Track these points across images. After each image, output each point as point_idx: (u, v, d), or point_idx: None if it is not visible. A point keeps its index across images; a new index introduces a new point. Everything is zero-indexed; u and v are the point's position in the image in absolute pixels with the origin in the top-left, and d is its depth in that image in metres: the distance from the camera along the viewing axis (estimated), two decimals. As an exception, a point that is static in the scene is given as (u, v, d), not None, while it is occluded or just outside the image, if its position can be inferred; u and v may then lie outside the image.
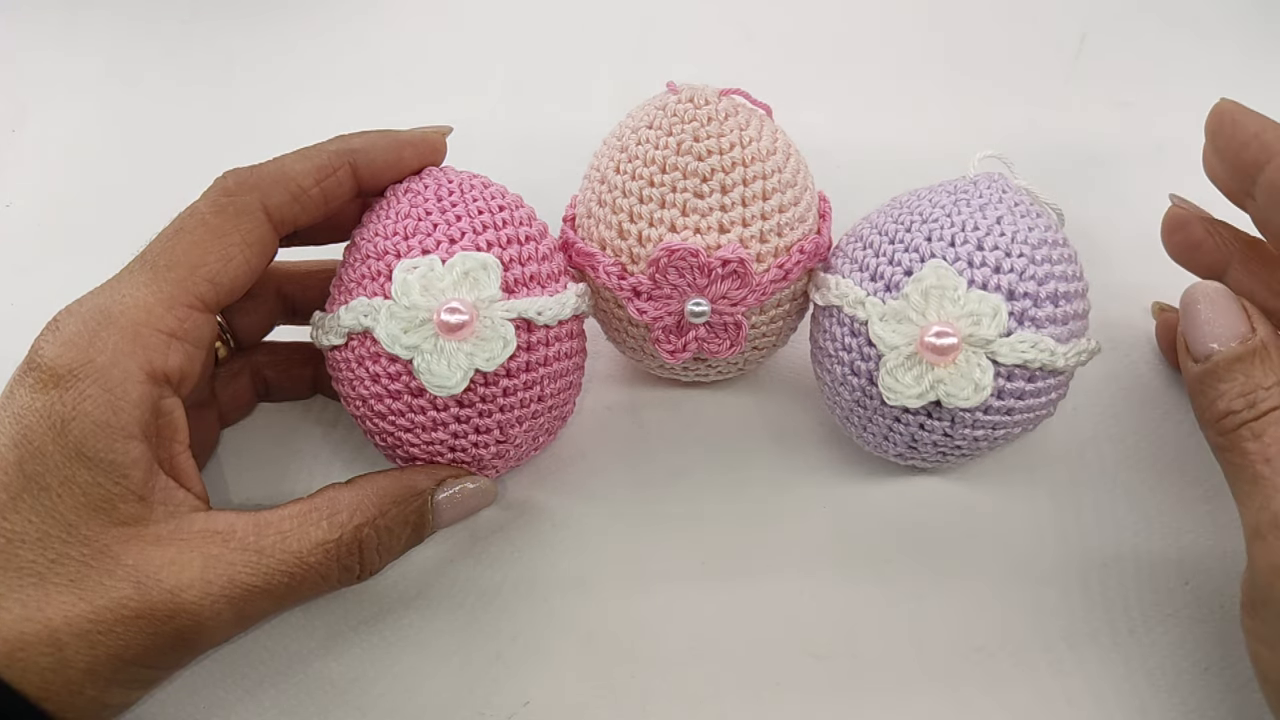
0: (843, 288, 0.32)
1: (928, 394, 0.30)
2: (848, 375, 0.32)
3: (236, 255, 0.29)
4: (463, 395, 0.30)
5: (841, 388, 0.33)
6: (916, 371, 0.30)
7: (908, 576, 0.33)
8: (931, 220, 0.31)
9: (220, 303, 0.30)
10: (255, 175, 0.30)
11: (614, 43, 0.55)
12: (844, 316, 0.32)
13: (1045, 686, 0.31)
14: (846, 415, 0.34)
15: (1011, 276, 0.30)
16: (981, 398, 0.30)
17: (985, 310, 0.30)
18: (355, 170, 0.31)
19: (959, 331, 0.30)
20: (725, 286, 0.32)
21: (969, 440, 0.32)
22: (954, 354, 0.30)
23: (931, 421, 0.31)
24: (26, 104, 0.53)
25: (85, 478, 0.26)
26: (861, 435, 0.34)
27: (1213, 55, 0.53)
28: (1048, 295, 0.30)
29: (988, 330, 0.30)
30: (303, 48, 0.56)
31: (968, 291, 0.30)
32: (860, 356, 0.32)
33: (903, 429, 0.32)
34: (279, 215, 0.30)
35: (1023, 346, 0.30)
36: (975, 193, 0.32)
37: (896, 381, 0.30)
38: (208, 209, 0.29)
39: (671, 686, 0.31)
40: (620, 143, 0.33)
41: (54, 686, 0.24)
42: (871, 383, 0.31)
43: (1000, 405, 0.31)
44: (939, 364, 0.30)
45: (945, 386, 0.30)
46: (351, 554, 0.29)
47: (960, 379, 0.30)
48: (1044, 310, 0.30)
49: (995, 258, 0.30)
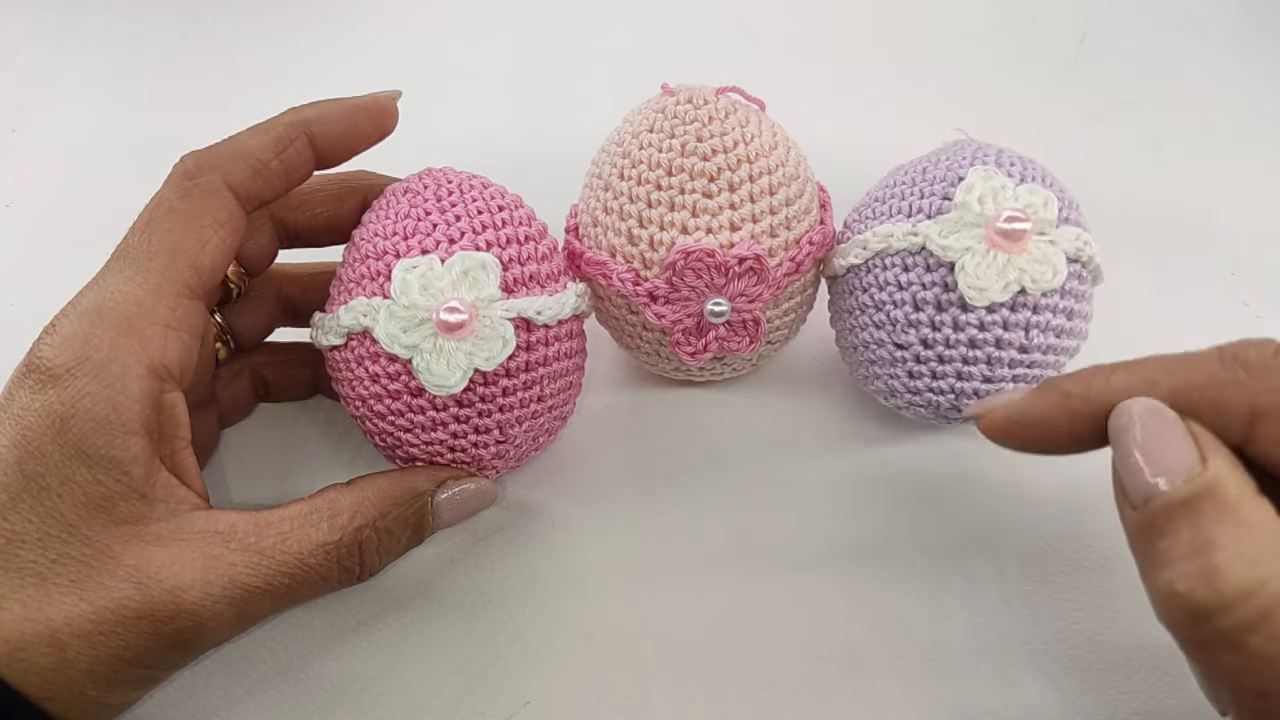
0: (884, 230, 0.32)
1: (1012, 284, 0.31)
2: (911, 314, 0.32)
3: (211, 237, 0.29)
4: (462, 395, 0.30)
5: (905, 333, 0.32)
6: (997, 265, 0.31)
7: (908, 576, 0.33)
8: (944, 161, 0.33)
9: (205, 286, 0.29)
10: (213, 155, 0.30)
11: (613, 43, 0.55)
12: (891, 259, 0.32)
13: (1047, 687, 0.31)
14: (910, 369, 0.33)
15: (1040, 183, 0.32)
16: (1061, 278, 0.31)
17: (1038, 200, 0.31)
18: (312, 140, 0.31)
19: (1028, 215, 0.31)
20: (742, 284, 0.32)
21: (1041, 348, 0.32)
22: (1025, 239, 0.30)
23: (1014, 315, 0.31)
24: (26, 104, 0.53)
25: (85, 476, 0.26)
26: (931, 386, 0.32)
27: (1213, 55, 0.53)
28: (1070, 202, 0.32)
29: (1048, 215, 0.31)
30: (303, 47, 0.56)
31: (1016, 187, 0.31)
32: (922, 286, 0.32)
33: (979, 352, 0.31)
34: (244, 192, 0.30)
35: (1074, 235, 0.31)
36: (964, 144, 0.34)
37: (979, 279, 0.31)
38: (173, 195, 0.29)
39: (671, 686, 0.31)
40: (621, 148, 0.33)
41: (55, 687, 0.24)
42: (940, 309, 0.31)
43: (1064, 305, 0.31)
44: (1013, 251, 0.31)
45: (1027, 273, 0.31)
46: (352, 555, 0.29)
47: (1039, 263, 0.31)
48: (1073, 213, 0.32)
49: (1018, 170, 0.32)
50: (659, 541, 0.34)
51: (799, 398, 0.38)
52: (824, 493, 0.36)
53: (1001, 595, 0.33)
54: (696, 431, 0.37)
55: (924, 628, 0.32)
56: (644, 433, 0.37)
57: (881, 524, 0.35)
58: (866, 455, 0.36)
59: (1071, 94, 0.52)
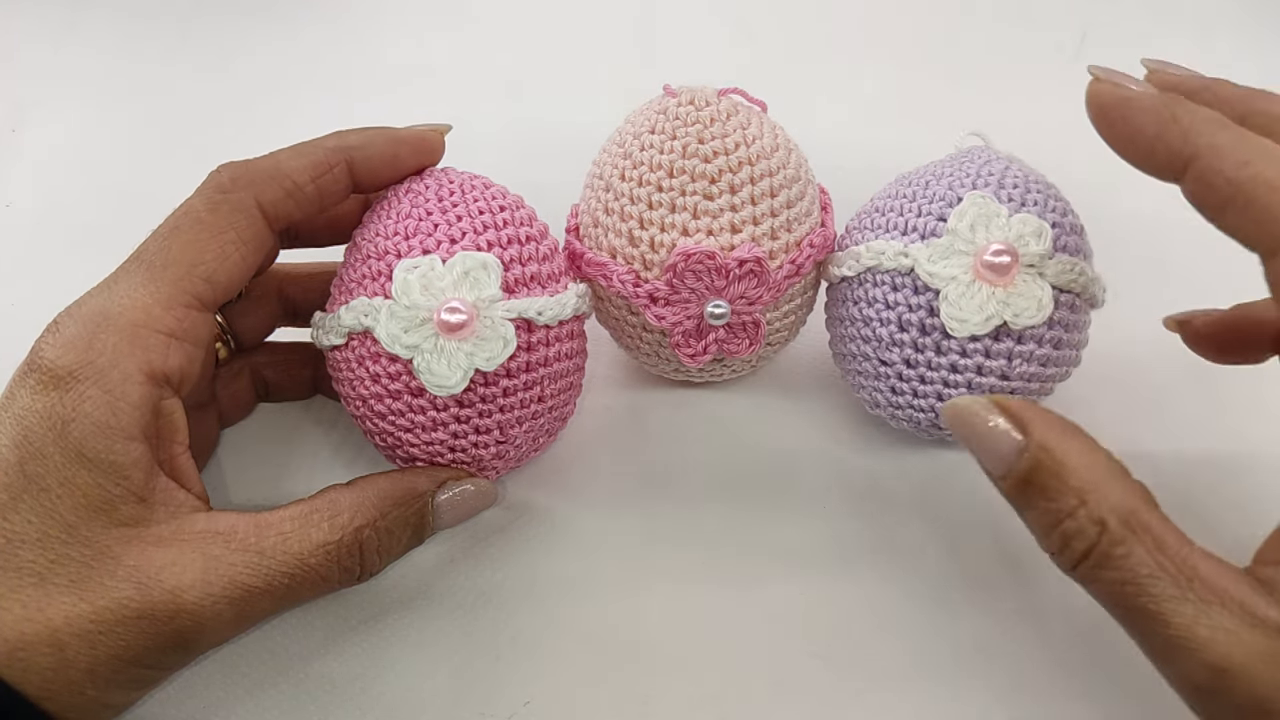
0: (877, 247, 0.32)
1: (994, 317, 0.30)
2: (895, 334, 0.32)
3: (233, 253, 0.29)
4: (463, 395, 0.30)
5: (890, 351, 0.32)
6: (980, 298, 0.30)
7: (909, 576, 0.33)
8: (946, 176, 0.32)
9: (217, 301, 0.30)
10: (250, 171, 0.30)
11: (614, 43, 0.56)
12: (882, 276, 0.32)
13: (1049, 687, 0.31)
14: (893, 385, 0.33)
15: (1038, 209, 0.31)
16: (1045, 314, 0.30)
17: (1030, 231, 0.31)
18: (351, 168, 0.31)
19: (1015, 249, 0.30)
20: (743, 286, 0.32)
21: (1023, 379, 0.31)
22: (1012, 273, 0.30)
23: (990, 361, 0.31)
24: (26, 104, 0.53)
25: (85, 479, 0.26)
26: (910, 405, 0.33)
27: (1213, 54, 0.53)
28: (1070, 227, 0.31)
29: (1038, 247, 0.30)
30: (303, 47, 0.56)
31: (1010, 216, 0.31)
32: (908, 308, 0.32)
33: (960, 376, 0.31)
34: (274, 212, 0.30)
35: (1067, 266, 0.31)
36: (973, 155, 0.33)
37: (961, 310, 0.31)
38: (202, 206, 0.29)
39: (671, 686, 0.31)
40: (623, 149, 0.33)
41: (55, 687, 0.24)
42: (924, 332, 0.31)
43: (1052, 336, 0.31)
44: (999, 284, 0.30)
45: (1010, 307, 0.30)
46: (352, 555, 0.29)
47: (1022, 297, 0.30)
48: (1071, 240, 0.31)
49: (1018, 194, 0.31)
50: (659, 542, 0.34)
51: (799, 398, 0.38)
52: (823, 493, 0.36)
53: (1002, 595, 0.33)
54: (696, 432, 0.37)
55: (924, 627, 0.32)
56: (644, 433, 0.38)
57: (881, 524, 0.35)
58: (866, 456, 0.36)
59: (1072, 94, 0.52)
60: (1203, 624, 0.22)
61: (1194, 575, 0.22)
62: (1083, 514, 0.24)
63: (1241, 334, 0.34)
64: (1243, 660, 0.21)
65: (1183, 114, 0.25)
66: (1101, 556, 0.23)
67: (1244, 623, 0.21)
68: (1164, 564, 0.23)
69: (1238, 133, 0.25)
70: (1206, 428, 0.37)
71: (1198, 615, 0.22)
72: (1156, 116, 0.25)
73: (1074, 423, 0.26)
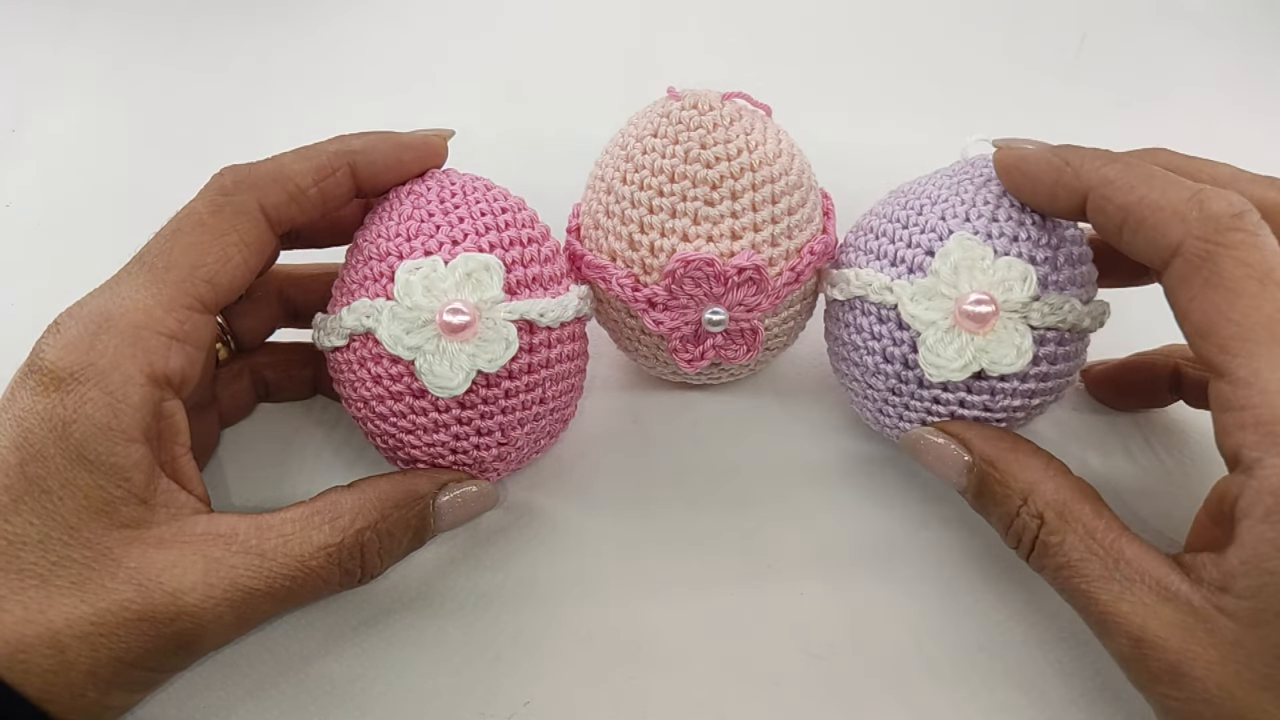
0: (865, 277, 0.32)
1: (971, 364, 0.30)
2: (880, 364, 0.32)
3: (235, 256, 0.29)
4: (464, 397, 0.30)
5: (875, 378, 0.32)
6: (958, 344, 0.30)
7: (909, 576, 0.33)
8: (941, 201, 0.32)
9: (219, 303, 0.30)
10: (253, 174, 0.30)
11: (616, 46, 0.55)
12: (869, 306, 0.32)
13: (1048, 687, 0.31)
14: (880, 407, 0.33)
15: (1029, 244, 0.30)
16: (1024, 362, 0.30)
17: (1015, 276, 0.30)
18: (354, 172, 0.31)
19: (995, 298, 0.30)
20: (741, 294, 0.32)
21: (1007, 411, 0.31)
22: (992, 321, 0.30)
23: (972, 396, 0.31)
24: (26, 104, 0.53)
25: (86, 481, 0.26)
26: (897, 426, 0.33)
27: (1213, 55, 0.53)
28: (1065, 259, 0.31)
29: (1021, 294, 0.30)
30: (304, 48, 0.56)
31: (995, 260, 0.30)
32: (892, 342, 0.32)
33: (943, 408, 0.32)
34: (276, 215, 0.30)
35: (1052, 308, 0.30)
36: (975, 171, 0.32)
37: (938, 356, 0.30)
38: (205, 209, 0.29)
39: (671, 686, 0.31)
40: (625, 151, 0.33)
41: (56, 688, 0.24)
42: (906, 366, 0.31)
43: (1036, 371, 0.31)
44: (978, 333, 0.30)
45: (988, 355, 0.30)
46: (353, 557, 0.29)
47: (1001, 345, 0.30)
48: (1064, 273, 0.31)
49: (1010, 228, 0.31)
50: (659, 543, 0.34)
51: (799, 401, 0.38)
52: (823, 494, 0.36)
53: (1002, 596, 0.33)
54: (696, 434, 0.37)
55: (923, 628, 0.32)
56: (644, 435, 0.38)
57: (881, 525, 0.35)
58: (865, 457, 0.37)
59: (1071, 94, 0.52)
60: (1125, 600, 0.25)
61: (1120, 558, 0.26)
62: (1024, 511, 0.28)
63: (1137, 378, 0.36)
64: (1157, 630, 0.24)
65: (1072, 156, 0.28)
66: (1042, 546, 0.27)
67: (1159, 598, 0.25)
68: (1094, 549, 0.26)
69: (1124, 163, 0.27)
70: (1206, 426, 0.37)
71: (1121, 592, 0.25)
72: (1049, 165, 0.29)
73: (1011, 432, 0.30)
